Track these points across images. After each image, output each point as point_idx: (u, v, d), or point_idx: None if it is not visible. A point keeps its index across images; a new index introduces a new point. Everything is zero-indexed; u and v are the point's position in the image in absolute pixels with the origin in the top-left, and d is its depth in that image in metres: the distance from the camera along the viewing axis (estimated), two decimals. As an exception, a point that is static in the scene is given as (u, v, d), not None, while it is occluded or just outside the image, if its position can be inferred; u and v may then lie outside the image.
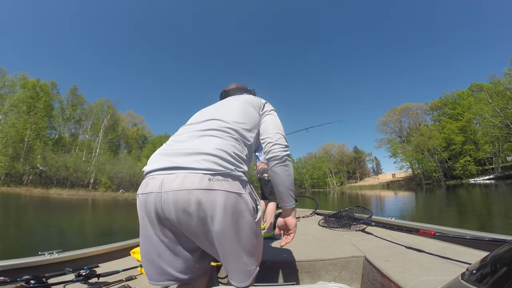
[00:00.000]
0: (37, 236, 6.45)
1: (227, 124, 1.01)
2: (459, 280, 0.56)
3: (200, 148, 0.89)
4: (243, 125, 1.05)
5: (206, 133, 0.96)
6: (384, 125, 55.89)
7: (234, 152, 0.92)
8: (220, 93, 1.46)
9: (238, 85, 1.47)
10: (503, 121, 35.13)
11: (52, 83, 40.69)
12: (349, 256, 1.69)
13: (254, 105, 1.18)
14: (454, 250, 1.60)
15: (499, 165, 38.24)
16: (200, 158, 0.85)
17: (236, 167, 0.90)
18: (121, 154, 44.37)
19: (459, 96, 46.78)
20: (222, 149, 0.89)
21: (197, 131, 0.98)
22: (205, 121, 1.03)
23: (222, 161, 0.86)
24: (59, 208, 17.15)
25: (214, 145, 0.90)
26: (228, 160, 0.88)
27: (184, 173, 0.84)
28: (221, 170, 0.85)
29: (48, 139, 38.65)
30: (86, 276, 1.34)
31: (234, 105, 1.14)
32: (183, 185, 0.81)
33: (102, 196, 32.66)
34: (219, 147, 0.89)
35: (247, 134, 1.06)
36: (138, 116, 60.97)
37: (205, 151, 0.87)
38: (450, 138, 43.15)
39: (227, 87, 1.46)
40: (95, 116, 43.50)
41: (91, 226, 9.76)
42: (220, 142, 0.92)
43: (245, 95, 1.31)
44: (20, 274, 1.29)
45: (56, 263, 1.51)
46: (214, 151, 0.87)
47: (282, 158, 1.05)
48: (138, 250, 1.98)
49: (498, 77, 36.69)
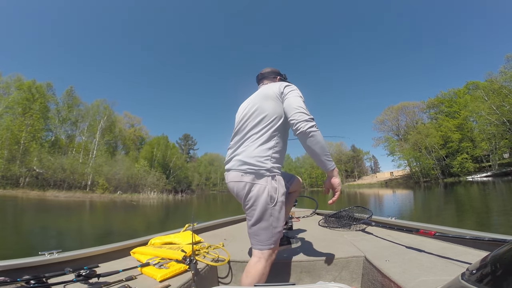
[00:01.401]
0: (35, 239, 6.34)
1: (251, 133, 1.36)
2: (459, 280, 0.56)
3: (237, 156, 1.36)
4: (264, 126, 1.34)
5: (239, 144, 1.39)
6: (381, 124, 56.21)
7: (256, 155, 1.30)
8: (256, 76, 1.71)
9: (272, 70, 1.70)
10: (499, 119, 35.43)
11: (47, 84, 40.24)
12: (349, 256, 1.71)
13: (272, 97, 1.38)
14: (454, 250, 1.61)
15: (496, 162, 38.55)
16: (237, 164, 1.33)
17: (259, 166, 1.28)
18: (118, 156, 43.95)
19: (456, 94, 47.15)
20: (249, 156, 1.30)
21: (234, 143, 1.42)
22: (237, 136, 1.43)
23: (246, 165, 1.30)
24: (56, 210, 16.95)
25: (245, 155, 1.32)
26: (250, 163, 1.29)
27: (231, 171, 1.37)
28: (246, 169, 1.29)
29: (44, 141, 38.25)
30: (86, 276, 1.33)
31: (254, 111, 1.40)
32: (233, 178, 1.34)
33: (100, 197, 32.35)
34: (247, 155, 1.31)
35: (270, 131, 1.33)
36: (135, 117, 60.68)
37: (239, 158, 1.33)
38: (447, 136, 43.42)
39: (263, 70, 1.70)
40: (91, 118, 43.10)
41: (90, 228, 9.62)
42: (248, 151, 1.32)
43: (265, 88, 1.50)
44: (20, 274, 1.29)
45: (56, 263, 1.52)
46: (244, 158, 1.31)
47: (306, 131, 1.23)
48: (138, 250, 1.96)
49: (495, 75, 36.99)
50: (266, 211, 1.27)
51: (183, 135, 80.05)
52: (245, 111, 1.46)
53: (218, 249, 2.03)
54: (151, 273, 1.49)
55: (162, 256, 1.73)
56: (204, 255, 1.87)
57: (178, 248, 1.85)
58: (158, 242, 2.13)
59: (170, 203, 27.04)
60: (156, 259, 1.67)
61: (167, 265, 1.56)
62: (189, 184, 62.99)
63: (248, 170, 1.29)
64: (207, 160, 78.72)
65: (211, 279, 1.72)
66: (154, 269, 1.52)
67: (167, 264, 1.59)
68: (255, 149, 1.31)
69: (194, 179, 67.19)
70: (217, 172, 76.63)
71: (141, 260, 1.72)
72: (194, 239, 1.93)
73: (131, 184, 39.22)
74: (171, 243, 2.11)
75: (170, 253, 1.75)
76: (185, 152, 75.63)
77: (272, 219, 1.28)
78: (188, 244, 1.98)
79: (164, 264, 1.59)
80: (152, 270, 1.51)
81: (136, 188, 39.48)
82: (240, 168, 1.31)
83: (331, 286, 0.68)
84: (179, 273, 1.51)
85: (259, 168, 1.28)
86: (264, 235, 1.29)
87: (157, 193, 39.52)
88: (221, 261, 1.76)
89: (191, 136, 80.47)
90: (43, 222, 10.44)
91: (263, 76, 1.66)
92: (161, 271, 1.47)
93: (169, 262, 1.63)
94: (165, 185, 45.92)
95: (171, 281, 1.41)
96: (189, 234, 2.20)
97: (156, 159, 51.02)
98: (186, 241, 2.09)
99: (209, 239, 2.43)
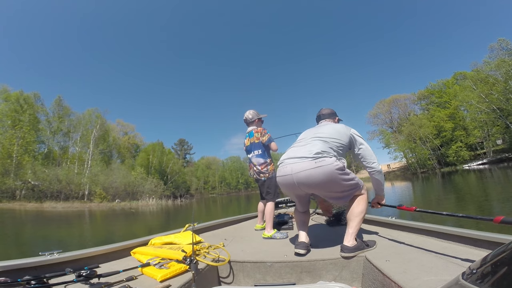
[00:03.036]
0: (37, 249, 6.21)
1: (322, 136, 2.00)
2: (460, 279, 0.56)
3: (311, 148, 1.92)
4: (331, 137, 1.98)
5: (313, 139, 1.99)
6: (374, 117, 56.43)
7: (322, 149, 1.85)
8: (317, 115, 2.42)
9: (328, 111, 2.41)
10: (489, 106, 35.98)
11: (34, 94, 39.15)
12: (350, 256, 1.70)
13: (341, 132, 2.05)
14: (454, 249, 1.62)
15: (491, 149, 39.09)
16: (310, 154, 1.85)
17: (326, 155, 1.82)
18: (113, 164, 43.49)
19: (444, 85, 47.74)
20: (320, 149, 1.86)
21: (308, 139, 2.03)
22: (303, 139, 2.08)
23: (318, 154, 1.83)
24: (56, 220, 16.72)
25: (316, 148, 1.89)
26: (319, 152, 1.83)
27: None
28: (316, 156, 1.82)
29: (37, 154, 37.58)
30: (87, 276, 1.33)
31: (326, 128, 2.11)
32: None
33: (98, 206, 31.96)
34: (319, 147, 1.88)
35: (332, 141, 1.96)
36: (128, 124, 60.01)
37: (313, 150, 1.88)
38: (440, 126, 43.90)
39: (321, 111, 2.43)
40: (84, 127, 42.37)
41: (90, 236, 9.51)
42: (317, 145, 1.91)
43: (333, 123, 2.29)
44: (21, 275, 1.29)
45: (57, 264, 1.52)
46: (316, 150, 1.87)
47: (378, 170, 2.08)
48: (138, 250, 1.95)
49: (480, 65, 37.63)
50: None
51: (178, 140, 79.29)
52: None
53: (219, 249, 2.03)
54: (151, 273, 1.48)
55: (163, 256, 1.72)
56: (204, 255, 1.87)
57: (179, 248, 1.85)
58: (158, 242, 2.13)
59: (169, 208, 26.90)
60: (157, 259, 1.66)
61: (168, 265, 1.56)
62: (188, 188, 62.62)
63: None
64: (204, 163, 78.32)
65: (212, 279, 1.72)
66: (155, 269, 1.51)
67: (168, 264, 1.58)
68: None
69: (192, 183, 66.82)
70: (215, 175, 76.40)
71: (142, 260, 1.72)
72: (195, 239, 1.94)
73: (129, 192, 38.79)
74: (171, 243, 2.11)
75: (170, 253, 1.74)
76: (182, 157, 75.05)
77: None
78: (189, 244, 1.98)
79: (165, 264, 1.58)
80: (153, 270, 1.50)
81: (134, 195, 39.06)
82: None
83: (331, 286, 0.67)
84: (180, 273, 1.50)
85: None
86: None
87: (156, 200, 39.16)
88: (222, 261, 1.77)
89: (186, 140, 79.82)
90: (44, 232, 10.30)
91: (320, 118, 2.39)
92: (162, 271, 1.46)
93: (170, 262, 1.62)
94: (163, 191, 45.54)
95: (172, 281, 1.40)
96: (189, 234, 2.20)
97: (152, 165, 50.61)
98: (187, 241, 2.09)
99: (209, 239, 2.43)
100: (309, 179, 1.81)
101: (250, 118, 3.14)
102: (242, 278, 1.77)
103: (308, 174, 1.80)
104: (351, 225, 1.87)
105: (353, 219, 1.87)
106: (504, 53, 34.18)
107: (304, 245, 1.90)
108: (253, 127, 3.09)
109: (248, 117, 3.15)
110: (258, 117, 3.16)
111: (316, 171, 1.77)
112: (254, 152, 2.97)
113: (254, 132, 3.00)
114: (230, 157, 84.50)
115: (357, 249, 1.76)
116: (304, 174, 1.81)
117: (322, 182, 1.80)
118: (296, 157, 1.90)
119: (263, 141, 2.95)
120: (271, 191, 2.89)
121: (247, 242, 2.47)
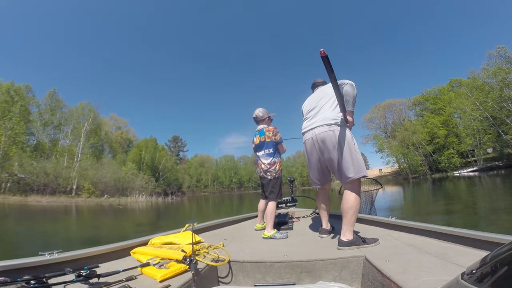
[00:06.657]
0: (18, 246, 6.04)
1: (324, 109, 2.30)
2: (459, 280, 0.57)
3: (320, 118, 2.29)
4: (331, 104, 2.27)
5: (318, 112, 2.33)
6: (369, 122, 57.10)
7: (331, 116, 2.20)
8: (312, 83, 2.74)
9: (321, 80, 2.71)
10: (483, 114, 36.74)
11: (26, 86, 38.28)
12: (349, 256, 1.72)
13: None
14: (454, 250, 1.64)
15: (481, 157, 39.86)
16: (323, 122, 2.22)
17: (334, 122, 2.17)
18: (104, 159, 42.70)
19: (440, 91, 48.58)
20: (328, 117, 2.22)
21: (312, 114, 2.38)
22: (314, 109, 2.38)
23: (328, 120, 2.20)
24: (39, 215, 16.26)
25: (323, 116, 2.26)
26: (328, 118, 2.19)
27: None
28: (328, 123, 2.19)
29: (26, 146, 36.63)
30: (86, 276, 1.34)
31: (324, 98, 2.36)
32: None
33: (85, 202, 31.28)
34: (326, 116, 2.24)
35: (332, 107, 2.26)
36: (121, 119, 59.09)
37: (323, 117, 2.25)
38: (433, 132, 44.67)
39: (315, 80, 2.73)
40: (75, 120, 41.57)
41: (76, 233, 9.25)
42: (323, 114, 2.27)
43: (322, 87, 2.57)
44: (20, 274, 1.28)
45: (56, 263, 1.54)
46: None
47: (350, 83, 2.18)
48: (138, 250, 1.94)
49: (477, 72, 38.26)
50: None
51: (172, 136, 78.66)
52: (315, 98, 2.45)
53: (218, 249, 2.04)
54: (151, 273, 1.48)
55: (162, 256, 1.71)
56: (204, 255, 1.88)
57: (178, 248, 1.85)
58: (158, 242, 2.13)
59: (159, 205, 26.57)
60: (156, 259, 1.65)
61: (167, 265, 1.55)
62: (180, 186, 62.13)
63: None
64: (198, 161, 77.94)
65: (211, 279, 1.72)
66: (154, 269, 1.51)
67: (167, 264, 1.58)
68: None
69: (185, 181, 66.37)
70: (208, 173, 76.09)
71: (141, 260, 1.72)
72: (194, 239, 1.93)
73: (119, 188, 38.19)
74: (171, 243, 2.11)
75: (170, 253, 1.74)
76: (175, 154, 74.45)
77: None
78: (188, 244, 1.99)
79: (164, 264, 1.57)
80: (152, 270, 1.50)
81: (124, 191, 38.49)
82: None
83: (331, 286, 0.66)
84: (179, 273, 1.51)
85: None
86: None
87: (146, 196, 38.70)
88: (221, 261, 1.77)
89: (180, 137, 79.26)
90: (26, 228, 9.97)
91: (315, 86, 2.70)
92: (161, 271, 1.46)
93: (169, 262, 1.62)
94: (154, 188, 45.04)
95: (171, 281, 1.41)
96: (189, 234, 2.21)
97: (144, 161, 50.04)
98: (186, 241, 2.09)
99: (209, 239, 2.44)
100: (328, 141, 2.14)
101: (261, 116, 3.12)
102: (242, 278, 1.78)
103: (326, 135, 2.15)
104: (345, 219, 1.96)
105: (346, 212, 1.97)
106: (502, 61, 34.70)
107: (326, 231, 2.35)
108: (263, 126, 3.09)
109: (258, 115, 3.13)
110: (268, 116, 3.16)
111: (333, 133, 2.12)
112: (264, 151, 2.97)
113: (265, 131, 2.98)
114: (224, 155, 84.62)
115: (352, 244, 1.82)
116: (323, 136, 2.17)
117: (337, 144, 2.09)
118: (315, 126, 2.26)
119: (275, 140, 2.94)
120: (275, 190, 2.89)
121: (247, 242, 2.47)
